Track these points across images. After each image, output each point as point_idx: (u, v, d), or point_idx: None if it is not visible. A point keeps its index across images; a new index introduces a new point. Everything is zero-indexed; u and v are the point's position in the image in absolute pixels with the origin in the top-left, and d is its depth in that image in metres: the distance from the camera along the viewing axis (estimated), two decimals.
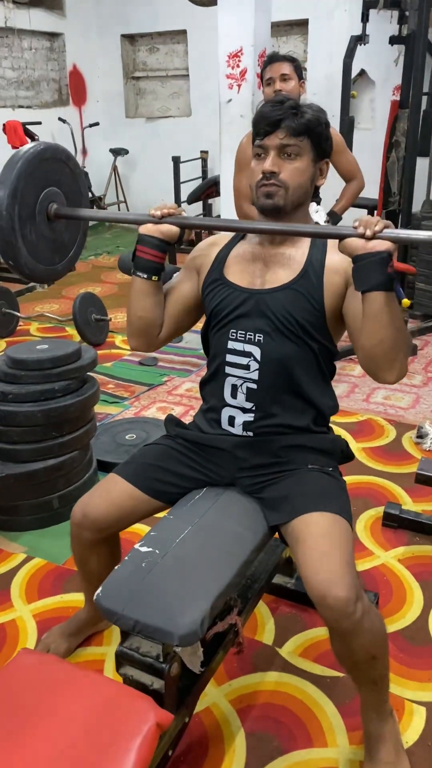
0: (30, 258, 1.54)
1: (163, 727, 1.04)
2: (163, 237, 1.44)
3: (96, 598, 1.26)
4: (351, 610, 1.22)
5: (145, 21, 6.92)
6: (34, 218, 1.53)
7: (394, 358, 1.29)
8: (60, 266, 1.67)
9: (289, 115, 1.38)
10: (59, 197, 1.60)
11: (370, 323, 1.27)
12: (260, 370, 1.42)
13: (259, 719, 1.56)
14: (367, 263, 1.23)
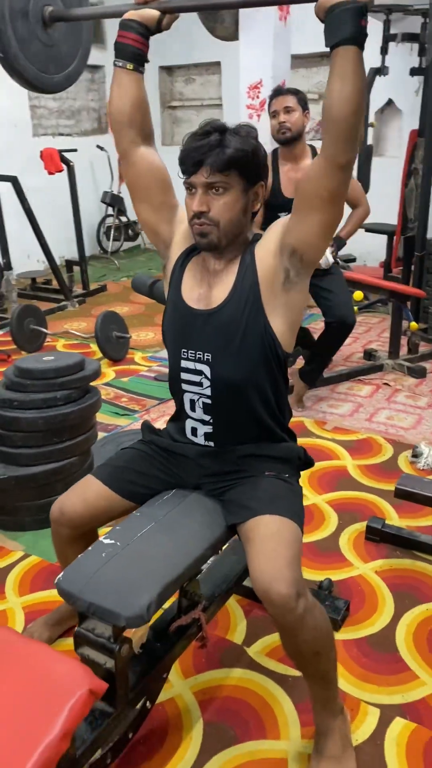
0: (21, 54, 1.54)
1: (97, 695, 1.15)
2: (142, 20, 1.44)
3: (56, 581, 1.38)
4: (292, 605, 1.30)
5: (182, 53, 7.20)
6: (27, 16, 1.54)
7: (355, 124, 1.27)
8: (56, 78, 1.67)
9: (212, 151, 1.38)
10: (55, 2, 1.60)
11: (338, 82, 1.25)
12: (212, 386, 1.50)
13: (218, 711, 1.64)
14: (341, 11, 1.22)
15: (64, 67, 1.73)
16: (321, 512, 2.48)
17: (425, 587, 2.07)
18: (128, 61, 1.48)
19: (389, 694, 1.69)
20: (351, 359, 4.13)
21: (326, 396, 3.55)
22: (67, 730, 1.06)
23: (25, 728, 1.05)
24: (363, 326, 4.82)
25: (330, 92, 1.27)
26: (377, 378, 3.79)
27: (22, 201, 4.97)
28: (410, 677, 1.74)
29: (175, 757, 1.53)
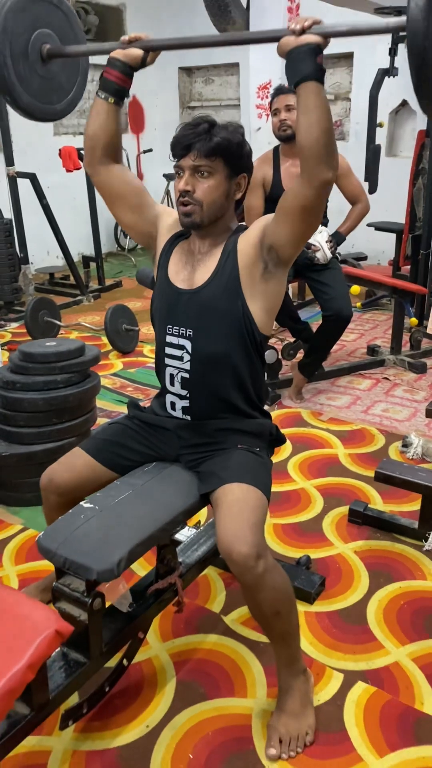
0: (25, 93, 1.69)
1: (63, 636, 1.26)
2: (127, 59, 1.59)
3: (37, 539, 1.50)
4: (252, 564, 1.40)
5: (202, 54, 7.31)
6: (27, 56, 1.68)
7: (329, 149, 1.39)
8: (59, 106, 1.83)
9: (199, 138, 1.51)
10: (52, 39, 1.74)
11: (304, 115, 1.38)
12: (191, 361, 1.62)
13: (191, 671, 1.75)
14: (298, 54, 1.36)
15: (65, 94, 1.87)
16: (308, 496, 2.58)
17: (401, 567, 2.15)
18: (110, 95, 1.62)
19: (354, 662, 1.78)
20: (354, 354, 4.20)
21: (326, 389, 3.64)
22: (33, 663, 1.18)
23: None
24: (369, 323, 4.89)
25: (298, 123, 1.41)
26: (378, 372, 3.87)
27: (40, 197, 5.13)
28: (376, 647, 1.83)
29: (147, 710, 1.64)
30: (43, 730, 1.58)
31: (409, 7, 1.20)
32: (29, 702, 1.33)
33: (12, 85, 1.68)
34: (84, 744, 1.56)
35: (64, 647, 1.50)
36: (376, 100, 4.38)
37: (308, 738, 1.55)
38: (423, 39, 1.20)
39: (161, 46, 1.65)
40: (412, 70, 1.24)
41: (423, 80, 1.25)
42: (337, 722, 1.60)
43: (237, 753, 1.52)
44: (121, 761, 1.51)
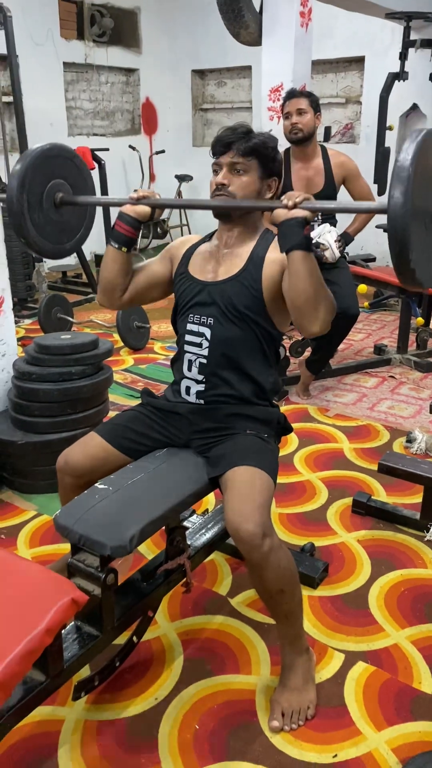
0: (39, 237, 1.88)
1: (79, 605, 1.34)
2: (136, 216, 1.76)
3: (54, 517, 1.58)
4: (258, 542, 1.48)
5: (215, 57, 7.42)
6: (41, 205, 1.87)
7: (317, 308, 1.57)
8: (68, 245, 2.01)
9: (239, 138, 1.68)
10: (65, 188, 1.92)
11: (293, 278, 1.55)
12: (209, 347, 1.72)
13: (198, 649, 1.83)
14: (288, 227, 1.52)
15: (74, 234, 2.04)
16: (313, 487, 2.65)
17: (403, 556, 2.22)
18: (121, 245, 1.80)
19: (356, 643, 1.85)
20: (361, 353, 4.27)
21: (333, 386, 3.71)
22: (51, 628, 1.26)
23: (17, 624, 1.25)
24: (377, 323, 4.95)
25: (288, 285, 1.59)
26: (384, 371, 3.93)
27: None
28: (377, 630, 1.90)
29: (156, 684, 1.71)
30: (56, 701, 1.66)
31: (391, 198, 1.33)
32: (45, 670, 1.41)
33: (28, 231, 1.86)
34: (95, 714, 1.63)
35: (78, 621, 1.58)
36: (386, 104, 4.45)
37: (309, 712, 1.62)
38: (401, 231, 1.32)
39: (166, 204, 1.85)
40: (392, 252, 1.36)
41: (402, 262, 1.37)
42: (337, 698, 1.67)
43: (241, 725, 1.59)
44: (130, 731, 1.59)
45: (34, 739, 1.57)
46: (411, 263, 1.37)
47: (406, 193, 1.32)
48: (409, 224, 1.33)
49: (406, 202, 1.32)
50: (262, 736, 1.56)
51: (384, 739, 1.56)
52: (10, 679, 1.17)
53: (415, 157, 1.34)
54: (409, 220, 1.33)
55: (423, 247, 1.41)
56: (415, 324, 4.03)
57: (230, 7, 4.26)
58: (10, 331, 2.79)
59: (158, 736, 1.57)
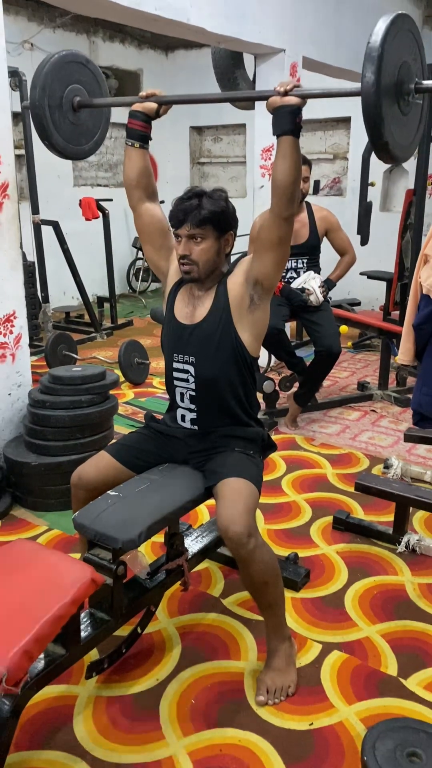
0: (60, 138, 2.12)
1: (97, 584, 1.61)
2: (145, 111, 1.99)
3: (73, 517, 1.86)
4: (245, 541, 1.75)
5: (212, 115, 7.94)
6: (61, 107, 2.11)
7: (295, 187, 1.77)
8: (87, 147, 2.25)
9: (191, 211, 1.86)
10: (81, 92, 2.17)
11: (279, 159, 1.75)
12: (196, 382, 1.99)
13: (194, 640, 2.08)
14: (281, 113, 1.74)
15: (91, 137, 2.31)
16: (298, 507, 2.93)
17: (377, 565, 2.49)
18: (136, 140, 2.03)
19: (332, 635, 2.11)
20: (346, 389, 4.59)
21: (318, 418, 4.01)
22: (75, 599, 1.53)
23: (48, 596, 1.52)
24: (361, 362, 5.29)
25: (275, 167, 1.80)
26: (366, 405, 4.25)
27: (62, 243, 5.60)
28: (351, 625, 2.16)
29: (157, 667, 1.97)
30: (70, 680, 1.91)
31: (363, 78, 1.54)
32: (65, 645, 1.67)
33: (49, 131, 2.13)
34: (104, 691, 1.88)
35: (92, 608, 1.85)
36: (368, 164, 4.86)
37: (290, 690, 1.87)
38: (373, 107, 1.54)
39: (171, 100, 2.09)
40: (366, 128, 1.58)
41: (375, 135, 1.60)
42: (314, 680, 1.92)
43: (231, 700, 1.84)
44: (135, 705, 1.84)
45: (51, 711, 1.81)
46: (384, 136, 1.55)
47: (377, 72, 1.51)
48: (380, 100, 1.51)
49: (377, 80, 1.50)
50: (249, 709, 1.82)
51: (353, 711, 1.81)
52: (45, 637, 1.44)
53: (385, 36, 1.52)
54: (381, 96, 1.51)
55: (395, 123, 1.60)
56: (395, 363, 4.36)
57: (227, 77, 4.72)
58: (26, 365, 3.09)
59: (159, 709, 1.82)
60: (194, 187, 1.97)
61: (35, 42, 6.60)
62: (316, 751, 1.69)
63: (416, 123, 1.79)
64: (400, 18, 1.58)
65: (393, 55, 1.58)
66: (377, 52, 1.52)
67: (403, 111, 1.67)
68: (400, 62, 1.63)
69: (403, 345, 2.62)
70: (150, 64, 7.99)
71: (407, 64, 1.67)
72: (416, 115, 1.77)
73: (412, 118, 1.74)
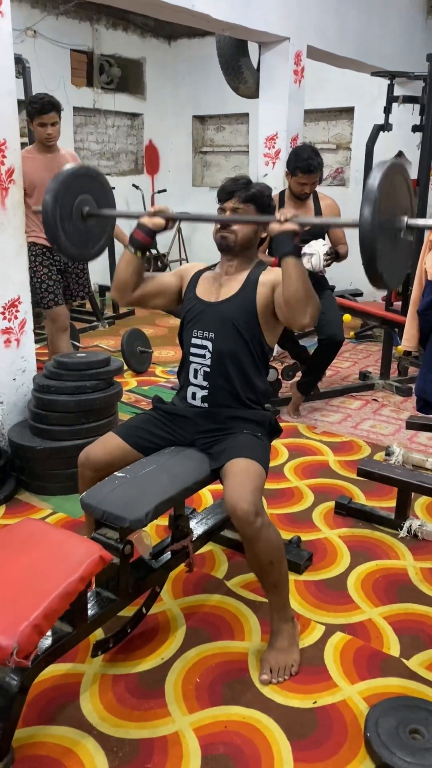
0: (68, 243, 2.25)
1: (106, 561, 1.63)
2: (153, 227, 2.10)
3: (81, 497, 1.88)
4: (251, 519, 1.77)
5: (215, 104, 7.91)
6: (71, 216, 2.24)
7: (306, 304, 1.89)
8: (92, 251, 2.38)
9: (240, 188, 2.05)
10: (90, 202, 2.30)
11: (286, 280, 1.88)
12: (211, 358, 2.04)
13: (199, 620, 2.11)
14: (281, 237, 1.88)
15: (97, 241, 2.43)
16: (300, 492, 2.95)
17: (378, 549, 2.51)
18: (137, 249, 2.12)
19: (335, 617, 2.13)
20: (348, 379, 4.61)
21: (320, 407, 4.03)
22: (84, 576, 1.55)
23: (58, 573, 1.54)
24: (363, 353, 5.31)
25: (283, 287, 1.91)
26: (368, 395, 4.26)
27: None
28: (354, 608, 2.18)
29: (162, 647, 1.99)
30: (77, 658, 1.93)
31: (361, 216, 1.66)
32: (72, 623, 1.69)
33: (60, 239, 2.25)
34: (111, 669, 1.91)
35: (98, 588, 1.87)
36: (372, 153, 4.86)
37: (293, 669, 1.90)
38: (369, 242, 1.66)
39: (178, 217, 2.22)
40: (363, 259, 1.70)
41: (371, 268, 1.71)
42: (317, 660, 1.95)
43: (235, 679, 1.87)
44: (140, 682, 1.86)
45: (59, 688, 1.84)
46: (378, 268, 1.69)
47: (373, 211, 1.65)
48: (376, 236, 1.66)
49: (373, 218, 1.65)
50: (253, 688, 1.84)
51: (356, 690, 1.84)
52: (54, 613, 1.47)
53: (381, 182, 1.67)
54: (376, 233, 1.66)
55: (389, 256, 1.75)
56: (396, 353, 4.37)
57: (231, 65, 4.71)
58: (30, 350, 3.11)
59: (165, 687, 1.84)
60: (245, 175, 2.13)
61: (38, 29, 6.57)
62: (320, 728, 1.71)
63: (406, 255, 1.91)
64: (392, 167, 1.72)
65: (387, 197, 1.70)
66: (374, 195, 1.65)
67: (394, 245, 1.79)
68: (393, 203, 1.75)
69: (407, 331, 2.63)
70: (153, 52, 7.96)
71: (399, 205, 1.79)
72: (406, 248, 1.88)
73: (403, 252, 1.86)
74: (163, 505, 1.86)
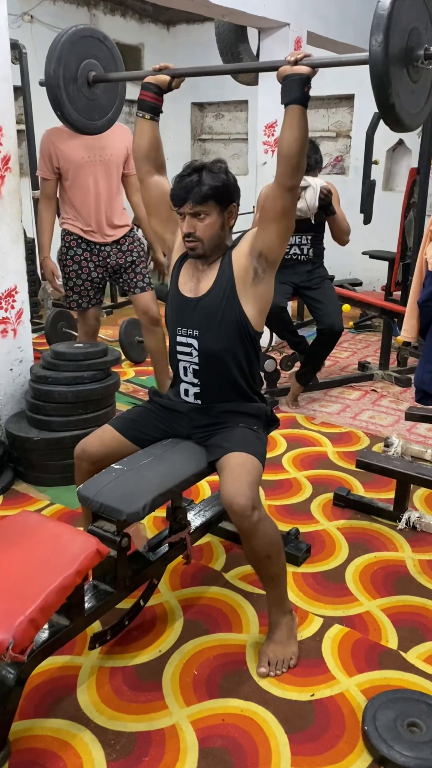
0: (73, 110, 2.11)
1: (102, 555, 1.62)
2: (158, 83, 2.02)
3: (77, 490, 1.86)
4: (248, 514, 1.76)
5: (213, 91, 7.83)
6: (76, 81, 2.11)
7: (302, 156, 1.77)
8: (100, 123, 2.25)
9: (192, 188, 1.84)
10: (97, 67, 2.17)
11: (287, 129, 1.75)
12: (199, 355, 1.98)
13: (196, 613, 2.10)
14: (291, 81, 1.74)
15: (105, 113, 2.30)
16: (299, 483, 2.94)
17: (377, 541, 2.51)
18: (147, 112, 2.05)
19: (333, 610, 2.13)
20: (346, 369, 4.59)
21: (319, 398, 4.02)
22: (80, 570, 1.54)
23: (54, 566, 1.53)
24: (362, 343, 5.29)
25: (282, 136, 1.79)
26: (367, 385, 4.25)
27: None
28: (352, 600, 2.18)
29: (160, 639, 1.98)
30: (74, 651, 1.92)
31: (371, 45, 1.54)
32: (69, 616, 1.68)
33: (63, 104, 2.12)
34: (108, 662, 1.90)
35: (95, 580, 1.86)
36: (372, 141, 4.82)
37: (292, 662, 1.89)
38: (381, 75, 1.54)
39: (184, 73, 2.09)
40: (375, 97, 1.57)
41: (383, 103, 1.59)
42: (315, 653, 1.94)
43: (233, 671, 1.86)
44: (138, 675, 1.85)
45: (55, 681, 1.83)
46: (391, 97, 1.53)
47: (384, 39, 1.50)
48: (388, 68, 1.51)
49: (384, 47, 1.50)
50: (250, 680, 1.84)
51: (354, 683, 1.83)
52: (50, 606, 1.45)
53: (393, 5, 1.50)
54: (388, 64, 1.51)
55: (404, 91, 1.60)
56: (395, 343, 4.35)
57: (230, 51, 4.65)
58: (27, 340, 3.08)
59: (162, 679, 1.84)
60: (193, 162, 1.94)
61: (35, 14, 6.49)
62: (318, 721, 1.71)
63: (426, 90, 1.77)
64: None
65: (402, 21, 1.56)
66: (385, 18, 1.50)
67: (412, 78, 1.66)
68: (409, 28, 1.61)
69: (407, 322, 2.61)
70: (151, 38, 7.86)
71: (417, 30, 1.65)
72: (426, 82, 1.75)
73: (422, 85, 1.73)
74: (160, 498, 1.84)
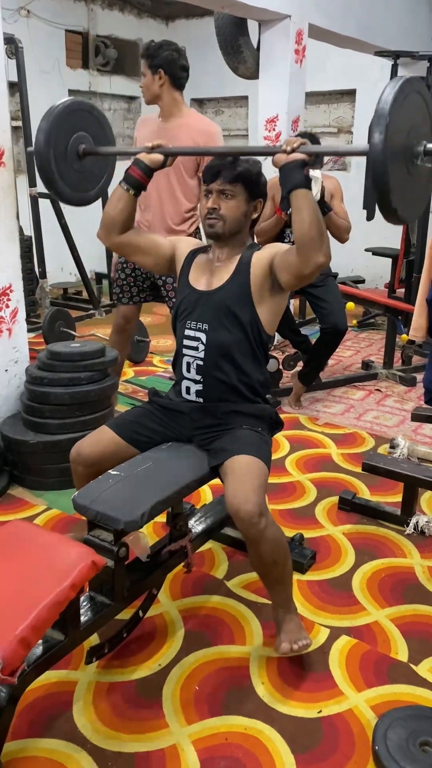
0: (65, 187, 2.09)
1: (98, 567, 1.53)
2: (150, 163, 1.95)
3: (73, 497, 1.78)
4: (256, 521, 1.68)
5: (213, 87, 7.74)
6: (66, 157, 2.08)
7: (321, 241, 1.74)
8: (92, 192, 2.22)
9: (226, 167, 1.88)
10: (87, 139, 2.13)
11: (297, 215, 1.74)
12: (205, 350, 1.92)
13: (198, 624, 2.02)
14: (289, 169, 1.73)
15: (96, 183, 2.26)
16: (303, 487, 2.85)
17: (384, 547, 2.42)
18: (131, 187, 1.96)
19: (340, 620, 2.04)
20: (350, 369, 4.50)
21: (322, 398, 3.93)
22: (75, 584, 1.45)
23: (47, 580, 1.45)
24: (366, 341, 5.20)
25: (294, 222, 1.76)
26: (371, 385, 4.16)
27: (59, 217, 5.45)
28: (359, 609, 2.09)
29: (160, 652, 1.90)
30: (70, 665, 1.84)
31: (371, 141, 1.50)
32: (64, 630, 1.60)
33: (55, 181, 2.09)
34: (106, 677, 1.82)
35: (92, 592, 1.77)
36: None
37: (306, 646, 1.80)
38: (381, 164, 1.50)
39: (178, 152, 2.06)
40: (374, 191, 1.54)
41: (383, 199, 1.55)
42: (322, 666, 1.86)
43: (236, 686, 1.78)
44: (137, 691, 1.77)
45: (51, 697, 1.75)
46: (392, 202, 1.51)
47: (385, 136, 1.46)
48: (387, 165, 1.48)
49: (385, 144, 1.46)
50: (254, 696, 1.75)
51: (363, 698, 1.75)
52: (42, 623, 1.37)
53: (394, 103, 1.49)
54: (388, 161, 1.48)
55: (403, 186, 1.56)
56: (400, 341, 4.27)
57: (230, 44, 4.56)
58: (23, 340, 3.00)
59: (162, 695, 1.75)
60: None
61: (31, 9, 6.40)
62: (326, 740, 1.62)
63: (425, 185, 1.74)
64: (407, 83, 1.54)
65: (402, 118, 1.52)
66: (385, 118, 1.47)
67: (411, 173, 1.62)
68: (409, 126, 1.57)
69: (416, 320, 2.53)
70: (150, 33, 7.76)
71: (416, 127, 1.61)
72: (424, 177, 1.71)
73: (421, 181, 1.69)
74: (159, 505, 1.76)
